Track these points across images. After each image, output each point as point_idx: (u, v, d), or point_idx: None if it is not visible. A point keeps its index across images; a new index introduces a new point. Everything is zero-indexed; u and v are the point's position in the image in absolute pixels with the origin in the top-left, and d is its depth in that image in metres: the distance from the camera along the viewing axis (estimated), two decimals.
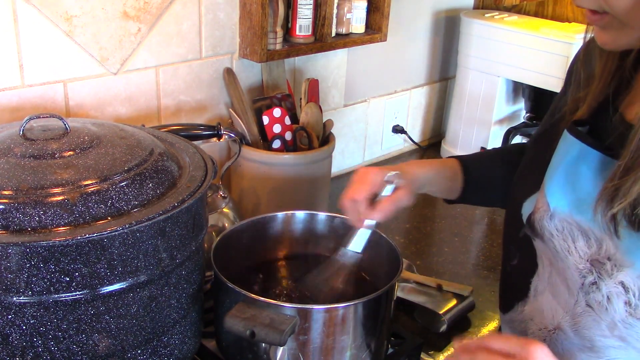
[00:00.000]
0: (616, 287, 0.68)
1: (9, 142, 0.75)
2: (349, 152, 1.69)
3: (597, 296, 0.70)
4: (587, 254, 0.71)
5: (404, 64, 1.76)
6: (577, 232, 0.72)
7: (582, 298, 0.72)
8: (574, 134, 0.74)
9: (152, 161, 0.77)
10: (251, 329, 0.75)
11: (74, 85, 1.10)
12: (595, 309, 0.71)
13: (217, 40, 1.27)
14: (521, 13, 1.86)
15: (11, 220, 0.65)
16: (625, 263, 0.68)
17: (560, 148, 0.76)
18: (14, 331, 0.68)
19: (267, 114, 1.27)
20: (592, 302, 0.71)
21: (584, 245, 0.71)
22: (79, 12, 1.06)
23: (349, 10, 1.43)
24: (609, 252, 0.69)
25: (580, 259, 0.72)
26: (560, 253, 0.74)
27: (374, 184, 0.85)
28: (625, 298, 0.68)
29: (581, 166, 0.72)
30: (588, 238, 0.71)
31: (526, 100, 1.73)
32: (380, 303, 0.85)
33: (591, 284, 0.71)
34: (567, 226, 0.73)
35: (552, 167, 0.76)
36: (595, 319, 0.71)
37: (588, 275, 0.71)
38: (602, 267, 0.70)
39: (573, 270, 0.73)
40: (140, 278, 0.72)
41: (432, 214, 1.50)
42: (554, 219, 0.74)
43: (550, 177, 0.76)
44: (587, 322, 0.72)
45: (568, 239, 0.73)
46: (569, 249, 0.73)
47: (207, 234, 0.86)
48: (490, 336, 0.73)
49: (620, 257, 0.68)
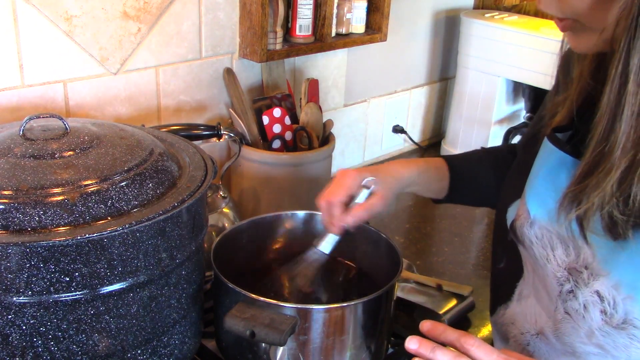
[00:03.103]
0: (592, 296, 0.68)
1: (9, 142, 0.75)
2: (349, 152, 1.69)
3: (574, 304, 0.70)
4: (565, 262, 0.71)
5: (404, 64, 1.76)
6: (557, 240, 0.72)
7: (560, 305, 0.72)
8: (553, 141, 0.74)
9: (152, 161, 0.77)
10: (251, 329, 0.75)
11: (74, 85, 1.10)
12: (573, 316, 0.71)
13: (217, 40, 1.27)
14: (521, 13, 1.86)
15: (11, 220, 0.65)
16: (601, 272, 0.67)
17: (541, 156, 0.76)
18: (14, 331, 0.68)
19: (267, 114, 1.27)
20: (569, 309, 0.71)
21: (562, 254, 0.71)
22: (79, 12, 1.06)
23: (349, 10, 1.43)
24: (586, 261, 0.69)
25: (559, 267, 0.72)
26: (539, 260, 0.74)
27: (350, 188, 0.85)
28: (600, 307, 0.68)
29: (560, 174, 0.71)
30: (567, 246, 0.71)
31: (526, 100, 1.73)
32: (380, 303, 0.85)
33: (568, 292, 0.71)
34: (547, 234, 0.73)
35: (532, 174, 0.76)
36: (574, 326, 0.71)
37: (565, 283, 0.71)
38: (579, 275, 0.69)
39: (551, 277, 0.73)
40: (140, 278, 0.72)
41: (432, 214, 1.50)
42: (533, 227, 0.74)
43: (530, 184, 0.76)
44: (566, 328, 0.72)
45: (547, 247, 0.73)
46: (547, 256, 0.73)
47: (207, 234, 0.86)
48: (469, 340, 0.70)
49: (596, 266, 0.68)
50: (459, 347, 0.71)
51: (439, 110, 1.94)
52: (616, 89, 0.58)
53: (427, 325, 0.71)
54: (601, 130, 0.61)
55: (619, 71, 0.58)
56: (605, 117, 0.60)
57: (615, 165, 0.60)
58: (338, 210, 0.85)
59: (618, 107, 0.59)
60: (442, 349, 0.70)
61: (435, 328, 0.70)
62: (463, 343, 0.69)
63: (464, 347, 0.70)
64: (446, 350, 0.70)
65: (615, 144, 0.59)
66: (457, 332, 0.70)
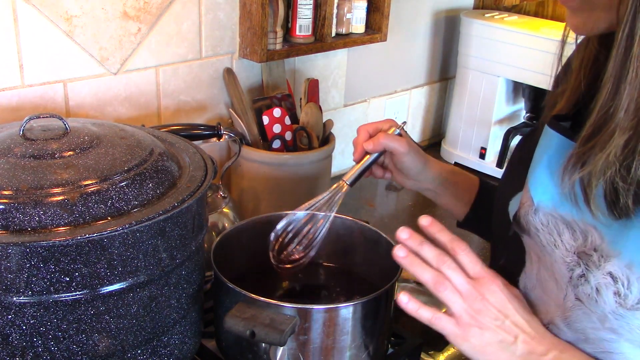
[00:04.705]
0: (604, 278, 0.68)
1: (9, 142, 0.75)
2: (349, 152, 1.68)
3: (586, 289, 0.70)
4: (573, 246, 0.71)
5: (404, 64, 1.76)
6: (562, 225, 0.72)
7: (570, 292, 0.72)
8: (554, 127, 0.74)
9: (152, 161, 0.77)
10: (251, 329, 0.75)
11: (74, 85, 1.10)
12: (585, 302, 0.71)
13: (217, 40, 1.27)
14: (521, 13, 1.86)
15: (11, 220, 0.65)
16: (611, 253, 0.67)
17: (542, 143, 0.76)
18: (14, 331, 0.68)
19: (267, 114, 1.27)
20: (581, 295, 0.71)
21: (570, 238, 0.71)
22: (79, 12, 1.06)
23: (349, 10, 1.43)
24: (594, 244, 0.69)
25: (567, 252, 0.71)
26: (546, 247, 0.74)
27: (382, 124, 0.96)
28: (614, 289, 0.67)
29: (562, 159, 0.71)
30: (573, 230, 0.71)
31: (526, 100, 1.73)
32: (380, 303, 0.85)
33: (579, 276, 0.70)
34: (552, 220, 0.73)
35: (535, 162, 0.76)
36: (585, 312, 0.71)
37: (576, 267, 0.71)
38: (589, 258, 0.69)
39: (560, 263, 0.72)
40: (140, 278, 0.72)
41: (432, 215, 1.49)
42: (538, 214, 0.74)
43: (533, 171, 0.76)
44: (577, 315, 0.72)
45: (553, 232, 0.72)
46: (555, 242, 0.72)
47: (207, 234, 0.86)
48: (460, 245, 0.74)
49: (606, 247, 0.68)
50: (449, 249, 0.75)
51: (438, 110, 1.95)
52: (622, 51, 0.60)
53: (426, 220, 0.76)
54: (606, 92, 0.62)
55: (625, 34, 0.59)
56: (610, 80, 0.61)
57: (619, 127, 0.61)
58: (363, 137, 0.95)
59: (623, 70, 0.60)
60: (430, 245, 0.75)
61: (432, 225, 0.76)
62: (454, 246, 0.74)
63: (454, 249, 0.74)
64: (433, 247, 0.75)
65: (619, 106, 0.61)
66: (451, 235, 0.75)
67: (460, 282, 0.72)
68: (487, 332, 0.70)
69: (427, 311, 0.72)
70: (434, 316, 0.72)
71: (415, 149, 0.97)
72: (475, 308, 0.71)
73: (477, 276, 0.72)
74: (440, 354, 1.01)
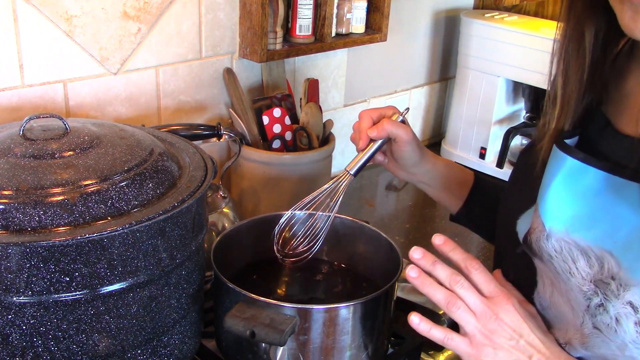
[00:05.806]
0: (624, 308, 0.65)
1: (9, 142, 0.75)
2: (349, 152, 1.68)
3: (605, 318, 0.67)
4: (590, 274, 0.68)
5: (404, 64, 1.76)
6: (577, 251, 0.69)
7: (588, 320, 0.69)
8: (562, 149, 0.71)
9: (152, 161, 0.77)
10: (251, 329, 0.75)
11: (74, 85, 1.10)
12: (604, 331, 0.68)
13: (217, 40, 1.27)
14: (521, 13, 1.86)
15: (11, 220, 0.65)
16: (630, 282, 0.64)
17: (551, 164, 0.73)
18: (14, 331, 0.68)
19: (267, 114, 1.27)
20: (599, 324, 0.68)
21: (585, 265, 0.68)
22: (79, 12, 1.06)
23: (349, 10, 1.43)
24: (612, 271, 0.66)
25: (584, 280, 0.68)
26: (561, 275, 0.71)
27: (385, 110, 0.93)
28: (635, 318, 0.65)
29: (574, 182, 0.69)
30: (588, 257, 0.68)
31: (526, 100, 1.73)
32: (380, 303, 0.85)
33: (597, 305, 0.67)
34: (566, 246, 0.70)
35: (544, 185, 0.73)
36: (604, 340, 0.68)
37: (593, 297, 0.68)
38: (607, 287, 0.66)
39: (577, 292, 0.69)
40: (140, 278, 0.72)
41: (432, 214, 1.50)
42: (550, 239, 0.71)
43: (543, 195, 0.73)
44: (595, 342, 0.69)
45: (568, 259, 0.70)
46: (570, 270, 0.69)
47: (207, 234, 0.86)
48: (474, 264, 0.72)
49: (624, 275, 0.65)
50: (462, 268, 0.73)
51: (438, 110, 1.95)
52: None
53: (439, 238, 0.74)
54: None
55: None
56: None
57: None
58: (366, 124, 0.92)
59: None
60: (442, 265, 0.73)
61: (446, 243, 0.74)
62: (468, 265, 0.72)
63: (467, 268, 0.72)
64: (446, 266, 0.73)
65: None
66: (465, 253, 0.73)
67: (474, 301, 0.70)
68: (500, 352, 0.69)
69: (440, 331, 0.71)
70: (446, 336, 0.71)
71: (417, 139, 0.95)
72: (490, 328, 0.69)
73: (491, 295, 0.71)
74: (440, 354, 1.01)
